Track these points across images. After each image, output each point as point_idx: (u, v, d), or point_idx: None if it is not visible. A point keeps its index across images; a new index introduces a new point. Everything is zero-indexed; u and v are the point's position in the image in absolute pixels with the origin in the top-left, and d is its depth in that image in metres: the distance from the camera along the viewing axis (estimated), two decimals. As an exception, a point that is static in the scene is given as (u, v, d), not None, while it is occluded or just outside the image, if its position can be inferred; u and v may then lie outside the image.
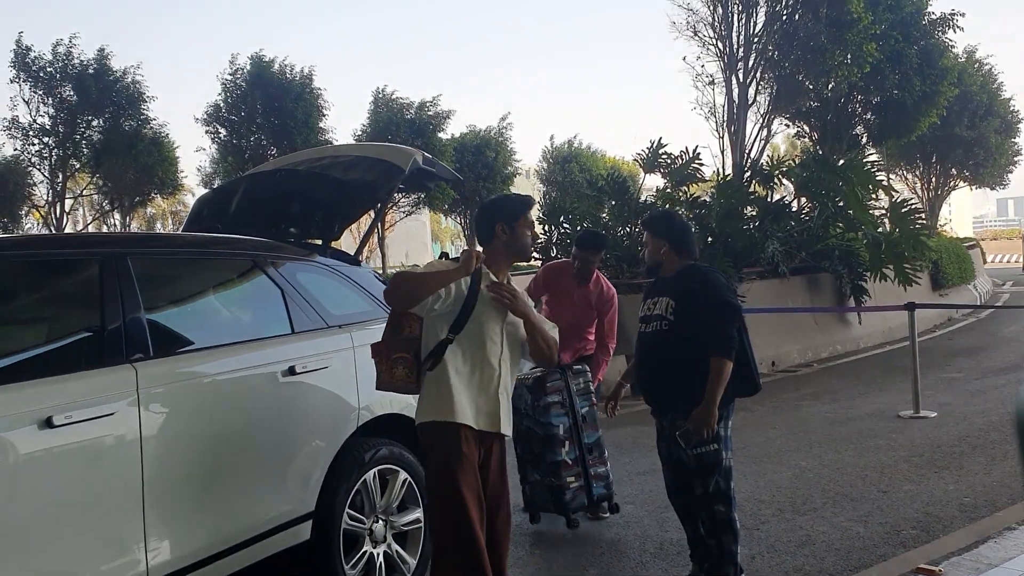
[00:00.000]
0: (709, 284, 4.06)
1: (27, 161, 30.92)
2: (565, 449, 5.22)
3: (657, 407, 4.24)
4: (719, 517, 4.05)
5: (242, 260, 4.02)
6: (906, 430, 7.59)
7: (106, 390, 3.04)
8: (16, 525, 2.76)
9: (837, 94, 21.96)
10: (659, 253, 4.23)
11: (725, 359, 3.91)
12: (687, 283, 4.08)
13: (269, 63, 33.22)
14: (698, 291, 4.03)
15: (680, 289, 4.08)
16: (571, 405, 5.29)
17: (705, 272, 4.18)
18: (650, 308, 4.19)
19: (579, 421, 5.29)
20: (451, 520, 3.40)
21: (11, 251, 3.26)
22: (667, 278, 4.19)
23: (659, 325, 4.09)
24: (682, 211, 13.15)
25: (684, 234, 4.29)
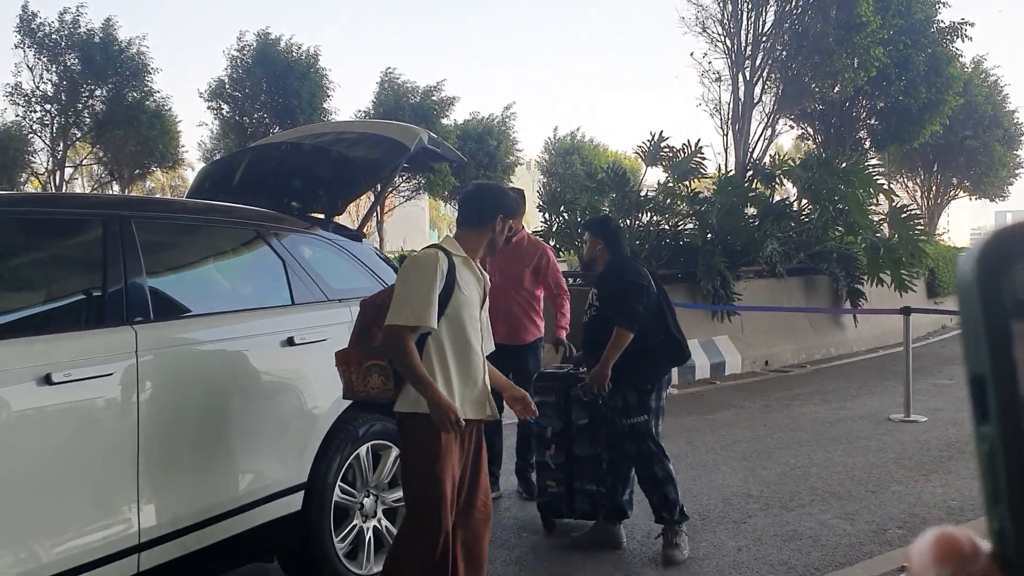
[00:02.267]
0: (621, 270, 4.71)
1: (28, 128, 30.83)
2: (550, 452, 5.07)
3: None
4: (659, 474, 4.63)
5: (245, 229, 4.02)
6: (896, 433, 7.62)
7: (106, 350, 3.04)
8: (11, 480, 2.76)
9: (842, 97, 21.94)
10: (595, 250, 4.87)
11: (625, 330, 4.52)
12: (607, 274, 4.77)
13: (275, 41, 33.10)
14: (614, 278, 4.68)
15: (601, 279, 4.83)
16: (565, 411, 5.03)
17: (621, 262, 4.80)
18: (592, 299, 4.82)
19: (572, 430, 5.02)
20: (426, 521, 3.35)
21: (15, 207, 3.26)
22: (600, 272, 4.86)
23: (592, 312, 4.77)
24: (682, 205, 13.17)
25: (616, 235, 4.91)
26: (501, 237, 3.64)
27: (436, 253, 3.41)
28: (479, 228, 3.56)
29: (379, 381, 3.40)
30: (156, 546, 3.13)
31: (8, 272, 3.27)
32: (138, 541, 3.07)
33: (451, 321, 3.39)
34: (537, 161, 52.69)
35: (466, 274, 3.47)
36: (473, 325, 3.47)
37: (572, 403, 5.01)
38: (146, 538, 3.09)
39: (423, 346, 3.34)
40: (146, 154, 32.77)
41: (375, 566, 4.09)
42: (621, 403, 4.65)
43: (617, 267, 4.76)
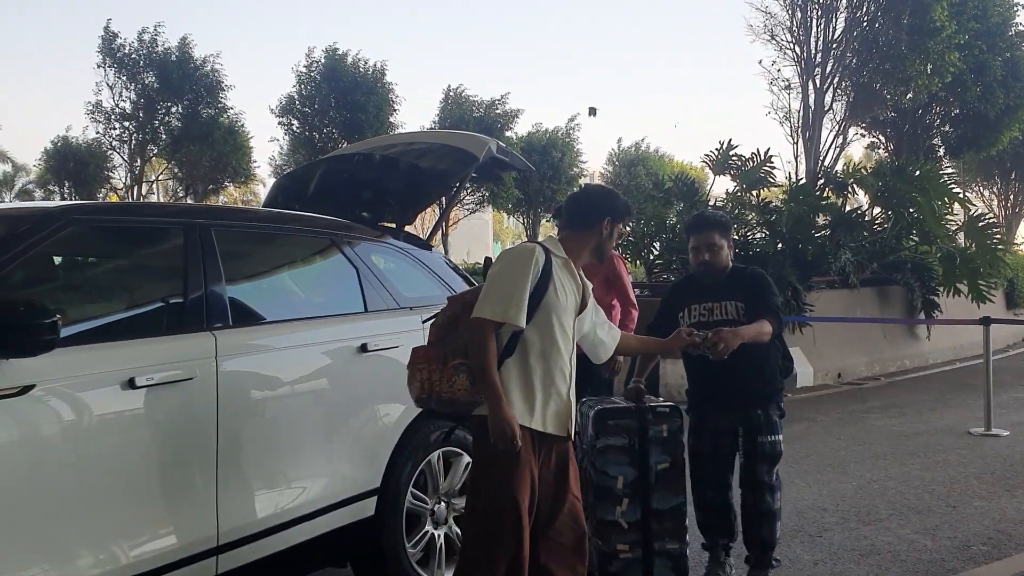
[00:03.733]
0: (753, 270, 4.38)
1: (108, 145, 31.86)
2: (621, 508, 4.05)
3: (724, 405, 4.23)
4: (774, 507, 4.18)
5: (320, 238, 4.09)
6: (976, 447, 7.40)
7: (187, 355, 3.11)
8: (96, 480, 2.84)
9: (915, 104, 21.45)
10: (724, 251, 4.23)
11: (771, 324, 4.06)
12: (748, 283, 4.23)
13: (343, 56, 33.67)
14: (761, 287, 4.21)
15: (746, 289, 4.20)
16: (641, 454, 4.07)
17: (759, 270, 4.42)
18: (707, 313, 4.18)
19: (651, 477, 4.08)
20: (493, 529, 3.09)
21: (101, 216, 3.36)
22: (719, 280, 4.22)
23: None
24: (752, 215, 13.00)
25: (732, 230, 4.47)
26: (609, 243, 3.45)
27: (534, 247, 3.23)
28: (584, 231, 3.39)
29: (465, 382, 3.11)
30: (234, 549, 3.18)
31: (94, 278, 3.38)
32: (217, 543, 3.12)
33: (540, 324, 3.17)
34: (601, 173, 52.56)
35: (564, 277, 3.27)
36: (565, 332, 3.24)
37: (651, 444, 4.08)
38: (224, 540, 3.14)
39: (512, 348, 3.14)
40: (219, 169, 33.59)
41: (446, 572, 4.10)
42: (762, 418, 4.14)
43: (747, 269, 4.39)
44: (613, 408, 4.14)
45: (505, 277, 3.14)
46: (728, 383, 4.13)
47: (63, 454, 2.74)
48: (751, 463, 4.15)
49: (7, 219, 3.15)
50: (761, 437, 4.13)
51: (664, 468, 4.08)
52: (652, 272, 13.51)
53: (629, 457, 4.06)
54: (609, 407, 4.14)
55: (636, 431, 4.08)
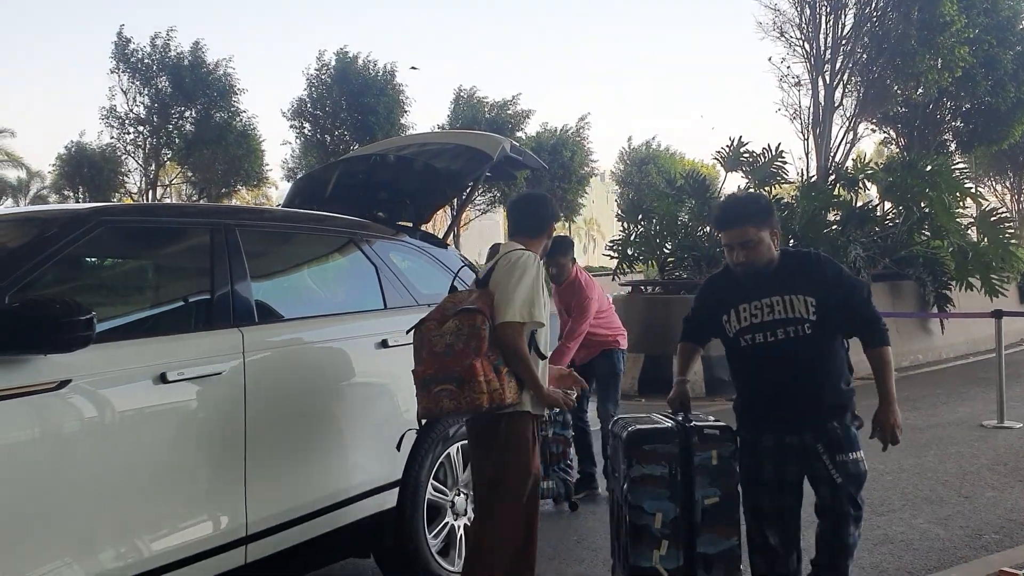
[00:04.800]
0: (824, 260, 3.52)
1: (122, 149, 32.13)
2: (660, 552, 3.39)
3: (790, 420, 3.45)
4: (851, 540, 3.46)
5: (340, 237, 4.20)
6: (989, 439, 7.43)
7: (215, 351, 3.21)
8: (129, 471, 2.94)
9: (926, 99, 21.41)
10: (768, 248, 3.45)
11: (888, 344, 3.47)
12: (818, 273, 3.45)
13: (353, 59, 33.84)
14: (841, 282, 3.45)
15: (816, 278, 3.43)
16: (684, 486, 3.41)
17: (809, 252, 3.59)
18: (762, 313, 3.43)
19: (695, 515, 3.39)
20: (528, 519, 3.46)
21: (132, 217, 3.47)
22: (768, 272, 3.45)
23: (796, 329, 3.38)
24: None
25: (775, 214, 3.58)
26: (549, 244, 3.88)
27: (536, 255, 3.56)
28: (540, 236, 3.74)
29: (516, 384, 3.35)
30: (262, 538, 3.28)
31: (124, 277, 3.49)
32: (246, 533, 3.22)
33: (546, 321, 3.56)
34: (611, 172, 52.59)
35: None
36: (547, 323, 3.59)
37: (696, 474, 3.38)
38: (253, 530, 3.24)
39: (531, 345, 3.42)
40: (232, 173, 33.80)
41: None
42: (840, 432, 3.41)
43: (808, 254, 3.56)
44: (649, 430, 3.47)
45: (526, 284, 3.38)
46: (794, 391, 3.41)
47: (98, 446, 2.84)
48: (834, 489, 3.38)
49: (39, 221, 3.26)
50: (842, 455, 3.38)
51: (712, 504, 3.36)
52: (664, 270, 13.57)
53: (669, 490, 3.38)
54: (644, 428, 3.49)
55: (677, 458, 3.39)
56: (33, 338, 2.61)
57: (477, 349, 3.20)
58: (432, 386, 3.25)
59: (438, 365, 3.25)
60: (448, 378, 3.20)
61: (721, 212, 3.61)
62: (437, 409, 3.27)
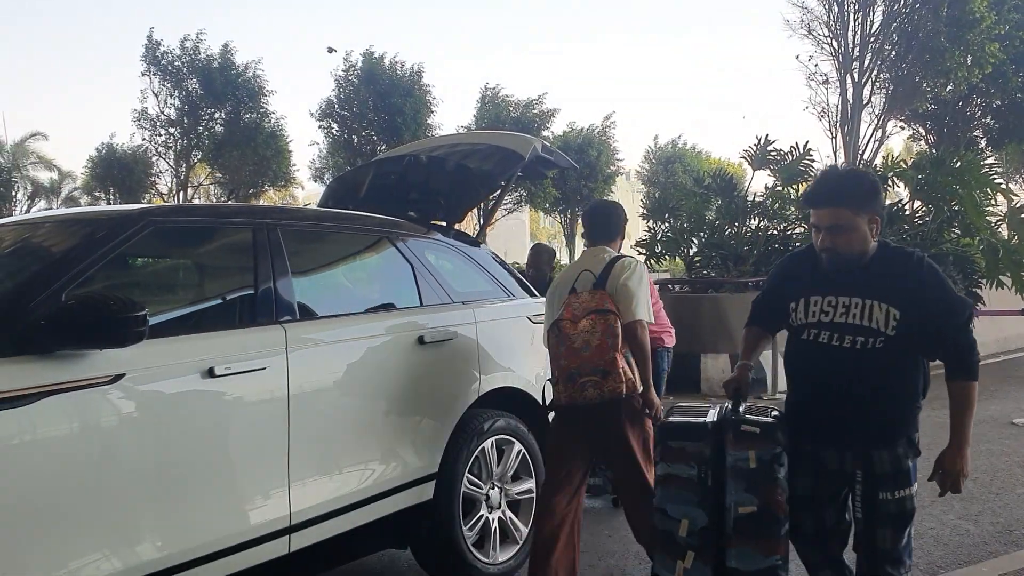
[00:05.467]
0: (926, 264, 2.96)
1: (153, 151, 32.53)
2: (684, 564, 3.01)
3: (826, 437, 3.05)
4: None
5: (377, 236, 4.30)
6: (1020, 437, 7.43)
7: (260, 347, 3.32)
8: (179, 463, 3.05)
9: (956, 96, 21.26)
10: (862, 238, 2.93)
11: (974, 381, 3.03)
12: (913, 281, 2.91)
13: (380, 59, 34.00)
14: (938, 298, 2.92)
15: (910, 288, 2.91)
16: (715, 491, 2.99)
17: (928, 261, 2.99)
18: (832, 312, 2.98)
19: (727, 524, 2.96)
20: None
21: (178, 217, 3.59)
22: (858, 266, 2.96)
23: (867, 341, 2.91)
24: (791, 210, 13.02)
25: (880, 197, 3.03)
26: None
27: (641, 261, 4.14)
28: (618, 239, 4.20)
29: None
30: (305, 528, 3.38)
31: (172, 276, 3.61)
32: (289, 523, 3.32)
33: None
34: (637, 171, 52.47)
35: None
36: None
37: (729, 478, 2.96)
38: (297, 520, 3.34)
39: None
40: (261, 173, 34.08)
41: (500, 555, 4.29)
42: (887, 463, 2.95)
43: (910, 255, 3.00)
44: (678, 424, 3.13)
45: (644, 287, 3.88)
46: (845, 405, 2.97)
47: (150, 437, 2.95)
48: (870, 525, 2.97)
49: (91, 222, 3.37)
50: (884, 492, 2.93)
51: (748, 513, 2.90)
52: (691, 268, 13.59)
53: (698, 495, 2.98)
54: (674, 421, 3.15)
55: (709, 460, 2.97)
56: (89, 334, 2.73)
57: (615, 345, 3.62)
58: (578, 378, 3.63)
59: (581, 360, 3.63)
60: (594, 371, 3.60)
61: (813, 186, 3.11)
62: (581, 398, 3.63)
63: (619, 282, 3.81)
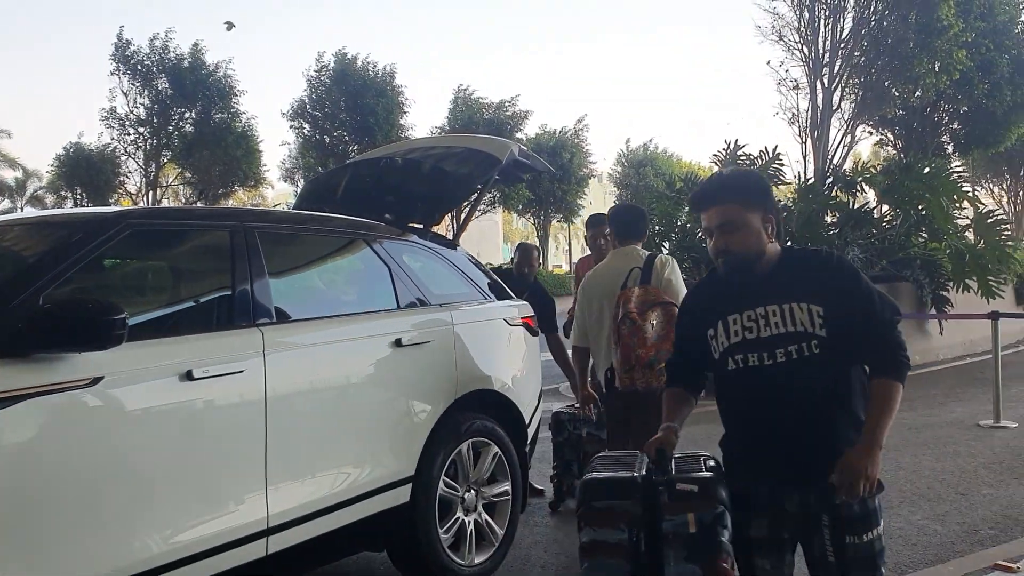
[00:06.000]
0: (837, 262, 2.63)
1: (122, 150, 32.21)
2: None
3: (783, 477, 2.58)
4: None
5: (354, 239, 4.30)
6: (986, 438, 7.55)
7: (238, 349, 3.32)
8: (158, 465, 3.04)
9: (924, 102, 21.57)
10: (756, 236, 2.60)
11: (901, 382, 2.58)
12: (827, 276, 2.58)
13: (352, 60, 33.92)
14: (852, 280, 2.58)
15: (827, 281, 2.57)
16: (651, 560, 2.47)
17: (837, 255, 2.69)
18: (756, 327, 2.57)
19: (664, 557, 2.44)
20: None
21: (156, 220, 3.58)
22: (764, 274, 2.61)
23: (801, 348, 2.52)
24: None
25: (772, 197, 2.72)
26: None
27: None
28: (644, 238, 4.70)
29: None
30: (282, 531, 3.38)
31: (151, 278, 3.60)
32: (267, 526, 3.32)
33: None
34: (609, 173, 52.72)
35: None
36: None
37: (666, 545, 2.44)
38: (274, 523, 3.34)
39: None
40: (230, 174, 33.86)
41: (476, 557, 4.31)
42: (858, 509, 2.50)
43: (817, 252, 2.70)
44: (604, 481, 2.56)
45: (680, 278, 4.34)
46: (798, 434, 2.54)
47: (128, 440, 2.95)
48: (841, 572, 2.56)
49: (68, 224, 3.36)
50: (853, 536, 2.52)
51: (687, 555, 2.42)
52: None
53: (630, 563, 2.47)
54: (598, 478, 2.58)
55: (639, 519, 2.48)
56: (68, 336, 2.72)
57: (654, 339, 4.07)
58: (656, 365, 4.00)
59: (657, 348, 4.02)
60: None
61: (699, 188, 2.79)
62: (658, 384, 3.81)
63: (663, 276, 4.25)
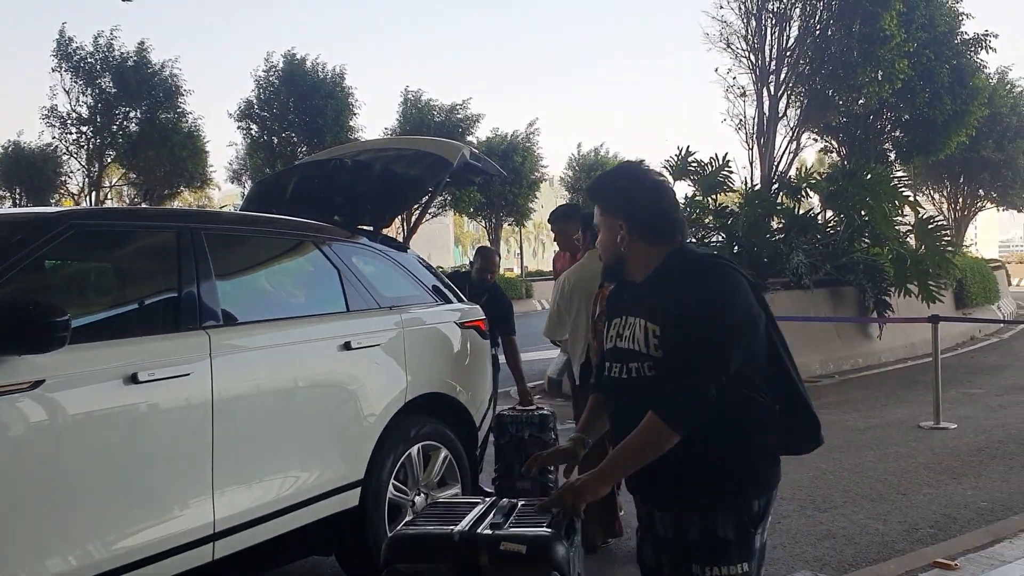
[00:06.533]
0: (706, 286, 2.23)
1: (64, 149, 31.45)
2: None
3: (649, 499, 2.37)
4: None
5: (303, 241, 4.27)
6: (926, 439, 7.73)
7: (184, 352, 3.27)
8: (102, 470, 2.99)
9: (867, 110, 22.01)
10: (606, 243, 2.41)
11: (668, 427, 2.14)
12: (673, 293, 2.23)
13: (301, 61, 33.59)
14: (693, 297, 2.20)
15: (668, 296, 2.24)
16: None
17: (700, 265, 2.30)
18: (613, 335, 2.40)
19: None
20: None
21: (100, 220, 3.51)
22: (638, 281, 2.37)
23: (640, 367, 2.27)
24: (710, 219, 13.33)
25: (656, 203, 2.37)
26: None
27: None
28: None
29: None
30: (229, 535, 3.34)
31: (95, 280, 3.53)
32: (214, 531, 3.28)
33: None
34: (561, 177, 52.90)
35: None
36: None
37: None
38: (221, 528, 3.30)
39: None
40: (177, 174, 33.27)
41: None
42: (703, 537, 2.20)
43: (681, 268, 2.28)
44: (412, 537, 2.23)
45: None
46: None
47: (71, 444, 2.89)
48: None
49: (9, 225, 3.28)
50: (696, 565, 2.20)
51: None
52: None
53: None
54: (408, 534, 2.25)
55: None
56: (8, 339, 2.66)
57: None
58: None
59: None
60: None
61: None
62: None
63: None
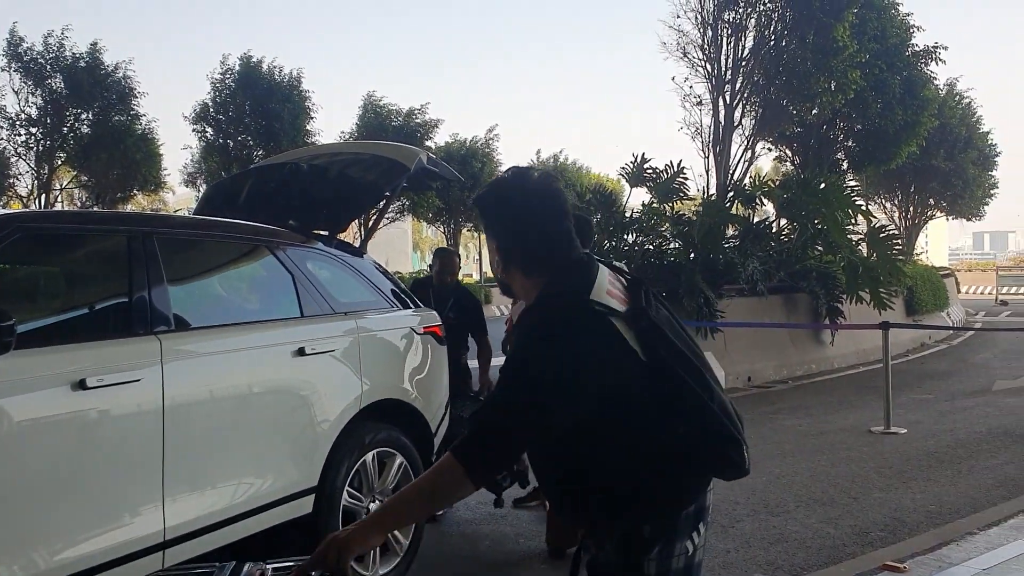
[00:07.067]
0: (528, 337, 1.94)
1: (12, 151, 30.77)
2: None
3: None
4: None
5: (258, 246, 4.22)
6: (877, 444, 7.85)
7: (134, 358, 3.22)
8: (48, 478, 2.93)
9: (820, 120, 22.34)
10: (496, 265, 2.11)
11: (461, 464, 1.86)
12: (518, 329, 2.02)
13: (258, 64, 33.29)
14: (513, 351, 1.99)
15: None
16: None
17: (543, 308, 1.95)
18: None
19: None
20: None
21: (49, 224, 3.44)
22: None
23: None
24: (666, 226, 13.43)
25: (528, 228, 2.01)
26: None
27: None
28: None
29: None
30: (180, 543, 3.29)
31: (42, 284, 3.46)
32: (163, 539, 3.23)
33: None
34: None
35: None
36: None
37: None
38: (171, 536, 3.25)
39: None
40: (130, 177, 32.73)
41: (381, 568, 4.26)
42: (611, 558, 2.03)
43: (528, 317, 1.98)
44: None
45: None
46: None
47: (16, 452, 2.83)
48: None
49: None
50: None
51: None
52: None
53: None
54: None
55: None
56: (-50, 344, 2.60)
57: None
58: None
59: None
60: None
61: None
62: None
63: None
